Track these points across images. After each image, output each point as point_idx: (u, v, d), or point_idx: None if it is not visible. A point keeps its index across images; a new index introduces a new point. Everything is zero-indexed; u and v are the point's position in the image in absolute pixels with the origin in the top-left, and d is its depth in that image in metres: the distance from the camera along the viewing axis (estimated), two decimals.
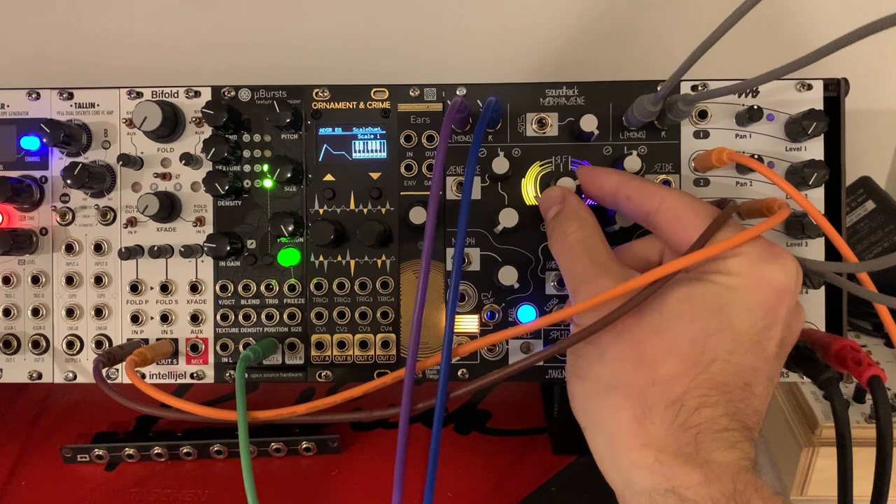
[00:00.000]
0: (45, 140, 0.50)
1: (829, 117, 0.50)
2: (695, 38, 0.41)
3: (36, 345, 0.53)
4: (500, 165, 0.50)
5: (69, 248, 0.53)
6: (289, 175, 0.50)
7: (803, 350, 0.45)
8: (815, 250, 0.52)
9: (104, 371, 0.49)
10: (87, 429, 0.62)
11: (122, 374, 0.52)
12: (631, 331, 0.39)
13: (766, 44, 0.71)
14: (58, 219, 0.53)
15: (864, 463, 0.44)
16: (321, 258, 0.52)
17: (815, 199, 0.51)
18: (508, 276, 0.50)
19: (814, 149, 0.51)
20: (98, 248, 0.52)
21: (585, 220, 0.45)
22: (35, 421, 0.64)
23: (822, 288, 0.51)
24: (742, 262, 0.38)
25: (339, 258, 0.52)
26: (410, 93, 0.52)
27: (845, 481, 0.43)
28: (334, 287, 0.52)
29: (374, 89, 0.52)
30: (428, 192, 0.52)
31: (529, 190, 0.52)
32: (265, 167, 0.52)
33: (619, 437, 0.38)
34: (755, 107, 0.50)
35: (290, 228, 0.50)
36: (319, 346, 0.52)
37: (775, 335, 0.38)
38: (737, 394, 0.37)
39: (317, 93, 0.52)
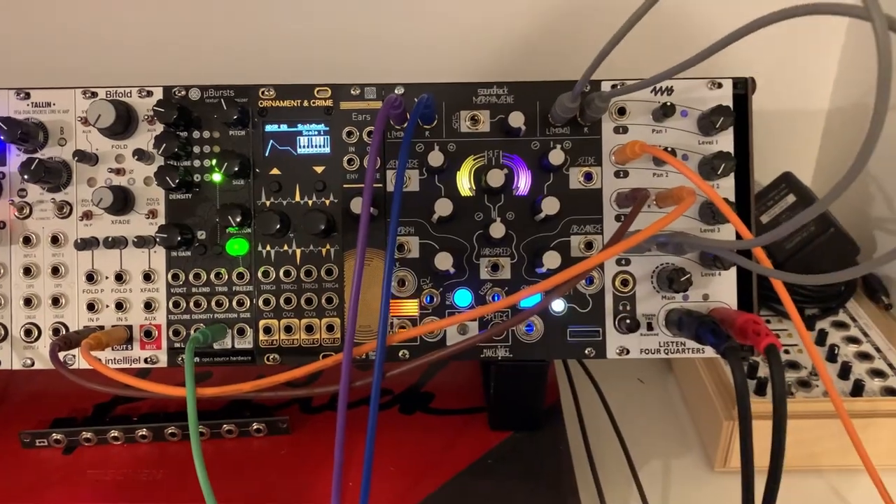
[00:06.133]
0: (2, 137, 0.53)
1: (738, 113, 0.55)
2: (634, 42, 0.45)
3: None
4: (436, 159, 0.53)
5: (27, 241, 0.55)
6: (236, 169, 0.53)
7: (708, 323, 0.49)
8: (727, 236, 0.56)
9: (61, 355, 0.52)
10: (46, 416, 0.64)
11: (78, 360, 0.55)
12: None
13: (686, 47, 0.75)
14: (15, 213, 0.55)
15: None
16: (268, 247, 0.55)
17: (726, 187, 0.56)
18: (444, 261, 0.53)
19: (724, 142, 0.56)
20: (55, 240, 0.55)
21: None
22: None
23: (734, 269, 0.56)
24: None
25: (286, 247, 0.55)
26: (352, 91, 0.56)
27: (746, 445, 0.47)
28: (281, 275, 0.55)
29: (318, 88, 0.56)
30: None
31: (464, 182, 0.56)
32: (214, 162, 0.55)
33: None
34: (668, 104, 0.54)
35: (238, 219, 0.53)
36: (267, 330, 0.55)
37: None
38: None
39: (263, 92, 0.56)
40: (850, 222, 0.75)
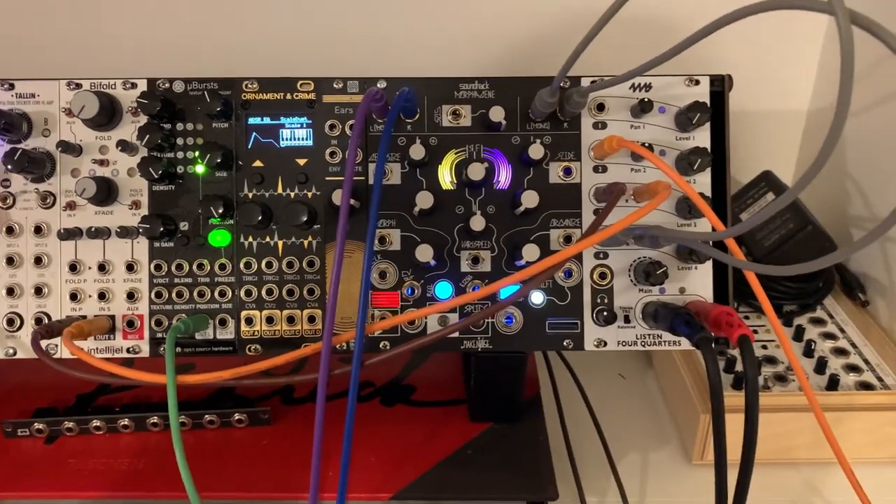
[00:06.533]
0: None
1: (714, 109, 0.55)
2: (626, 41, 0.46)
3: None
4: (417, 152, 0.54)
5: (10, 231, 0.55)
6: (219, 160, 0.54)
7: (683, 315, 0.50)
8: (704, 230, 0.57)
9: (43, 344, 0.52)
10: (29, 406, 0.64)
11: (61, 350, 0.55)
12: None
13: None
14: None
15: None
16: (250, 239, 0.56)
17: (703, 183, 0.56)
18: (424, 253, 0.54)
19: (701, 138, 0.56)
20: (38, 230, 0.55)
21: None
22: None
23: (710, 263, 0.56)
24: None
25: (268, 239, 0.56)
26: (334, 85, 0.56)
27: (719, 432, 0.48)
28: (263, 266, 0.56)
29: (301, 82, 0.56)
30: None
31: (445, 175, 0.56)
32: (197, 154, 0.55)
33: None
34: (646, 99, 0.55)
35: (220, 210, 0.54)
36: (249, 321, 0.56)
37: None
38: None
39: (246, 84, 0.56)
40: (827, 221, 0.76)
